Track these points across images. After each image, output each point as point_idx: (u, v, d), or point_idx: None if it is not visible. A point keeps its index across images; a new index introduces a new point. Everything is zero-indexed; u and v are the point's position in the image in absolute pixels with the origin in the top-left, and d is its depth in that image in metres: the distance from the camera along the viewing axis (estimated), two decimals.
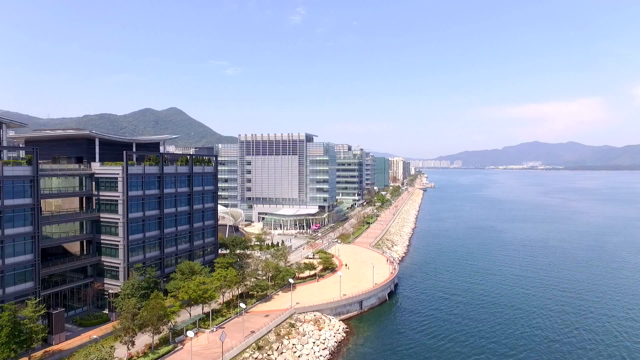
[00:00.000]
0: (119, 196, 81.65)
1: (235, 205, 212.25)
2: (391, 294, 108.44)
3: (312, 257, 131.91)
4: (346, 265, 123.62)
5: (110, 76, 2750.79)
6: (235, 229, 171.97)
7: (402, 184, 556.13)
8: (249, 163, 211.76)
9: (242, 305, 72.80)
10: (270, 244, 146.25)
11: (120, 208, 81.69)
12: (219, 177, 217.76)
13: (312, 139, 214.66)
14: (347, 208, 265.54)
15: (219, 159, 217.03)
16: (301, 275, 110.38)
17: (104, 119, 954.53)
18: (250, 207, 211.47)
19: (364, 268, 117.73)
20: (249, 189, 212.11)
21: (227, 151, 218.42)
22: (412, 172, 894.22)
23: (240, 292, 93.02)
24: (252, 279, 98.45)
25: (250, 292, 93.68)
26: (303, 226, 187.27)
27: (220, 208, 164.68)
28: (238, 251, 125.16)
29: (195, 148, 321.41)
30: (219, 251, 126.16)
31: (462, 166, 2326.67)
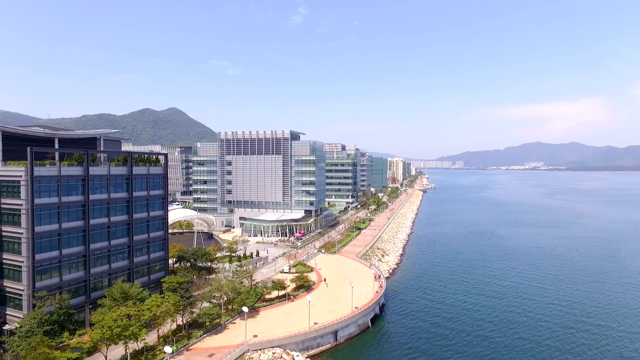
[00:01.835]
0: (21, 204, 64.52)
1: (214, 209, 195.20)
2: (376, 318, 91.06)
3: (288, 270, 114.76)
4: (325, 280, 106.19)
5: (110, 76, 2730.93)
6: (209, 236, 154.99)
7: (402, 185, 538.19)
8: (229, 163, 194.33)
9: (168, 349, 55.48)
10: (243, 255, 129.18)
11: (23, 219, 64.56)
12: (197, 178, 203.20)
13: (299, 137, 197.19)
14: (340, 211, 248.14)
15: (198, 158, 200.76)
16: (269, 296, 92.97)
17: (103, 119, 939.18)
18: (231, 211, 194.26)
19: (346, 285, 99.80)
20: (229, 192, 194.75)
21: (206, 150, 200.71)
22: (413, 172, 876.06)
23: (186, 321, 75.58)
24: (205, 304, 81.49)
25: (200, 321, 76.48)
26: (286, 233, 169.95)
27: (190, 213, 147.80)
28: (200, 264, 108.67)
29: (179, 147, 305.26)
30: (180, 264, 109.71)
31: (464, 167, 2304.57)
